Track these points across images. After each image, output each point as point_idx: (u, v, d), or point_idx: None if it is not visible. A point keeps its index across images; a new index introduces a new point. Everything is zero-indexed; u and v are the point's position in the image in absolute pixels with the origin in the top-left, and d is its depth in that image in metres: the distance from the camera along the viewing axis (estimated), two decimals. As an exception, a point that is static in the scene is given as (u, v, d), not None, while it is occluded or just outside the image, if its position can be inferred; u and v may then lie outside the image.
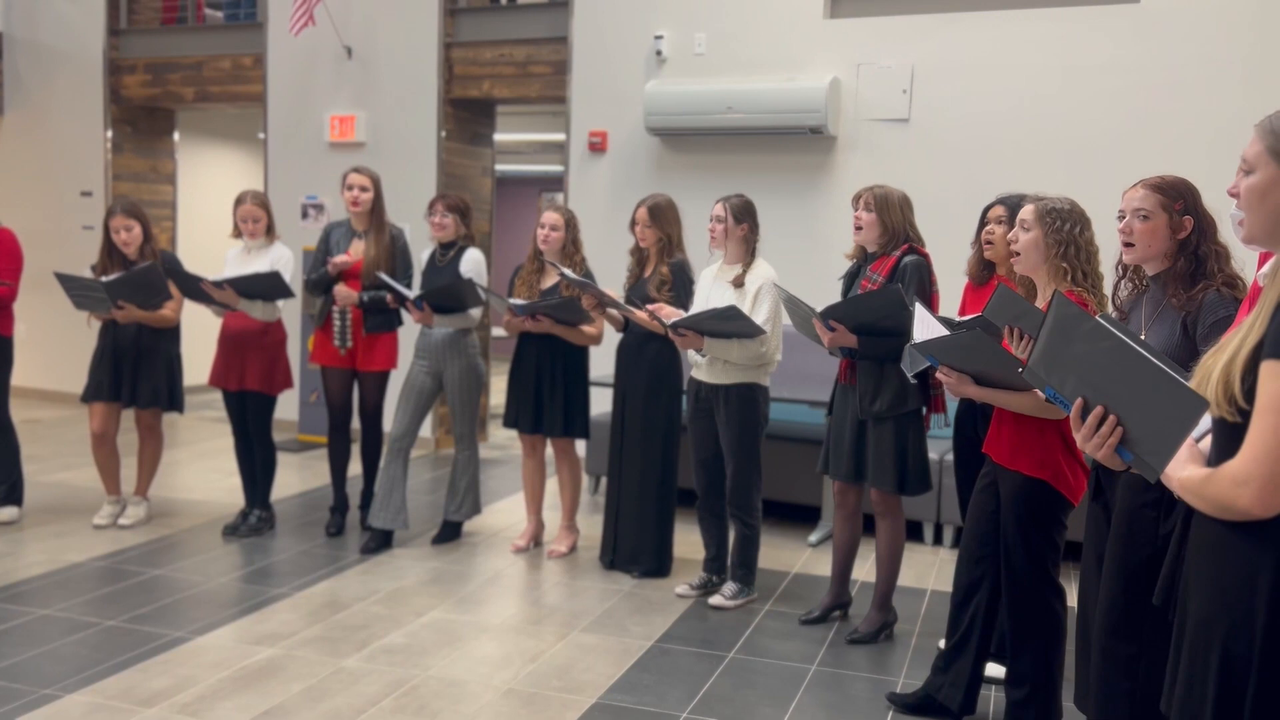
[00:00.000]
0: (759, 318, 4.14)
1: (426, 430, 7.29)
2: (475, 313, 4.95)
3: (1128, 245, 2.62)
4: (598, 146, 6.74)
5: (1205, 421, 1.75)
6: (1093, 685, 2.60)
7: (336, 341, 5.08)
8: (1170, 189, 2.57)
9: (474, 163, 7.66)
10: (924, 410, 3.94)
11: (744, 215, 4.28)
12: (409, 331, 5.28)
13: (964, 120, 5.92)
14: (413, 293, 4.87)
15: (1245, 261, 2.55)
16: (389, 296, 4.95)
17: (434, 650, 3.82)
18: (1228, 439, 1.69)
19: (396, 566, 4.77)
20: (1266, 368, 1.61)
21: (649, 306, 4.37)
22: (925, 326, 3.24)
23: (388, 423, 5.12)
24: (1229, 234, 2.48)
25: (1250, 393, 1.63)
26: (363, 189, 5.01)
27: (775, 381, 4.91)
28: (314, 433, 7.36)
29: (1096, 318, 1.83)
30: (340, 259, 4.95)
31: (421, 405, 5.04)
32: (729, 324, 4.07)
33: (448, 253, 5.03)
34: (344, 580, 4.56)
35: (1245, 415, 1.64)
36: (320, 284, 5.02)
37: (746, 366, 4.24)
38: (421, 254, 5.19)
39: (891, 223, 3.90)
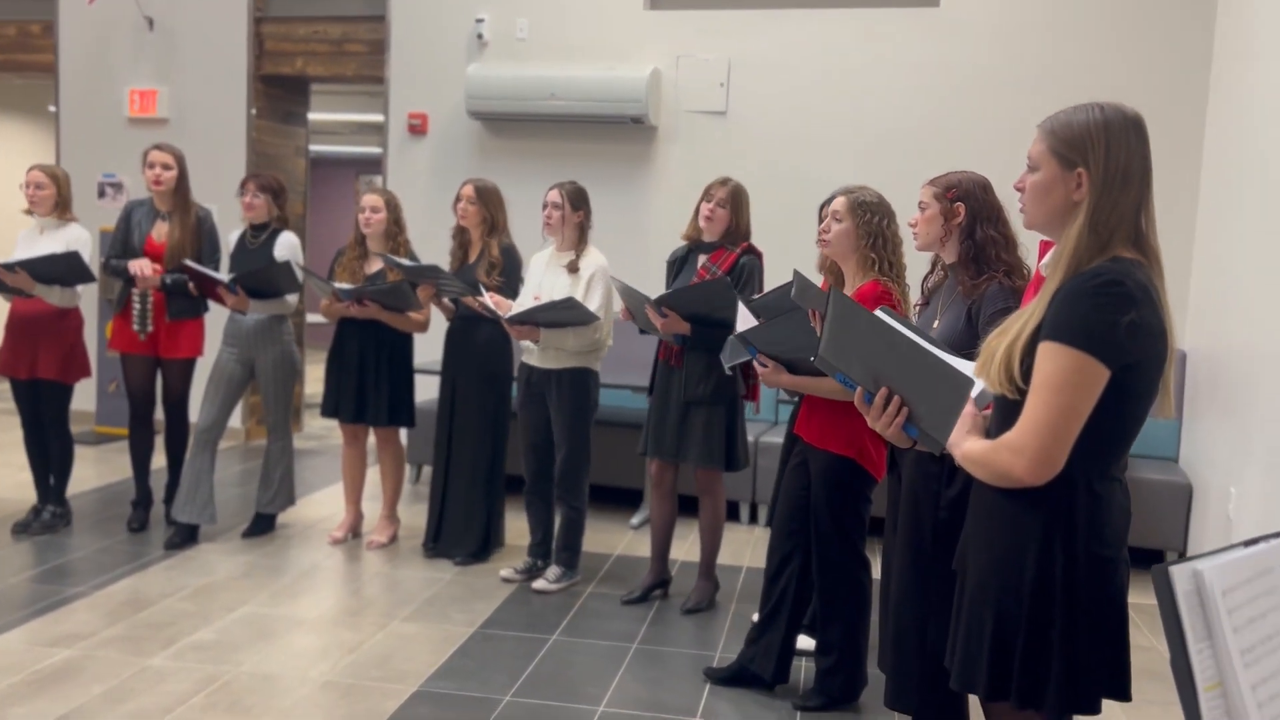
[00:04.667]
0: (592, 304, 4.18)
1: (236, 420, 7.00)
2: (292, 298, 4.80)
3: (915, 235, 2.80)
4: (418, 129, 6.63)
5: (979, 389, 1.90)
6: (889, 644, 2.78)
7: (136, 326, 4.82)
8: (943, 179, 2.76)
9: (286, 142, 7.39)
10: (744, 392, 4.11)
11: (580, 202, 4.32)
12: (216, 317, 5.06)
13: (777, 114, 6.12)
14: (226, 276, 4.68)
15: (1031, 250, 2.74)
16: (191, 284, 4.72)
17: (246, 645, 3.70)
18: (1007, 414, 1.83)
19: (204, 561, 4.58)
20: (1042, 349, 1.75)
21: (483, 297, 4.34)
22: (745, 320, 3.38)
23: (194, 413, 4.89)
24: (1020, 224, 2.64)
25: (1029, 373, 1.78)
26: (165, 167, 4.77)
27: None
28: (113, 424, 6.97)
29: (877, 312, 1.96)
30: (140, 266, 4.67)
31: (231, 395, 4.84)
32: (565, 313, 4.10)
33: (259, 235, 4.85)
34: (147, 577, 4.35)
35: (1024, 394, 1.79)
36: (120, 271, 4.75)
37: (579, 352, 4.27)
38: (230, 236, 4.98)
39: (741, 220, 4.04)
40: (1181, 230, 5.44)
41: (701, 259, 4.08)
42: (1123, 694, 1.87)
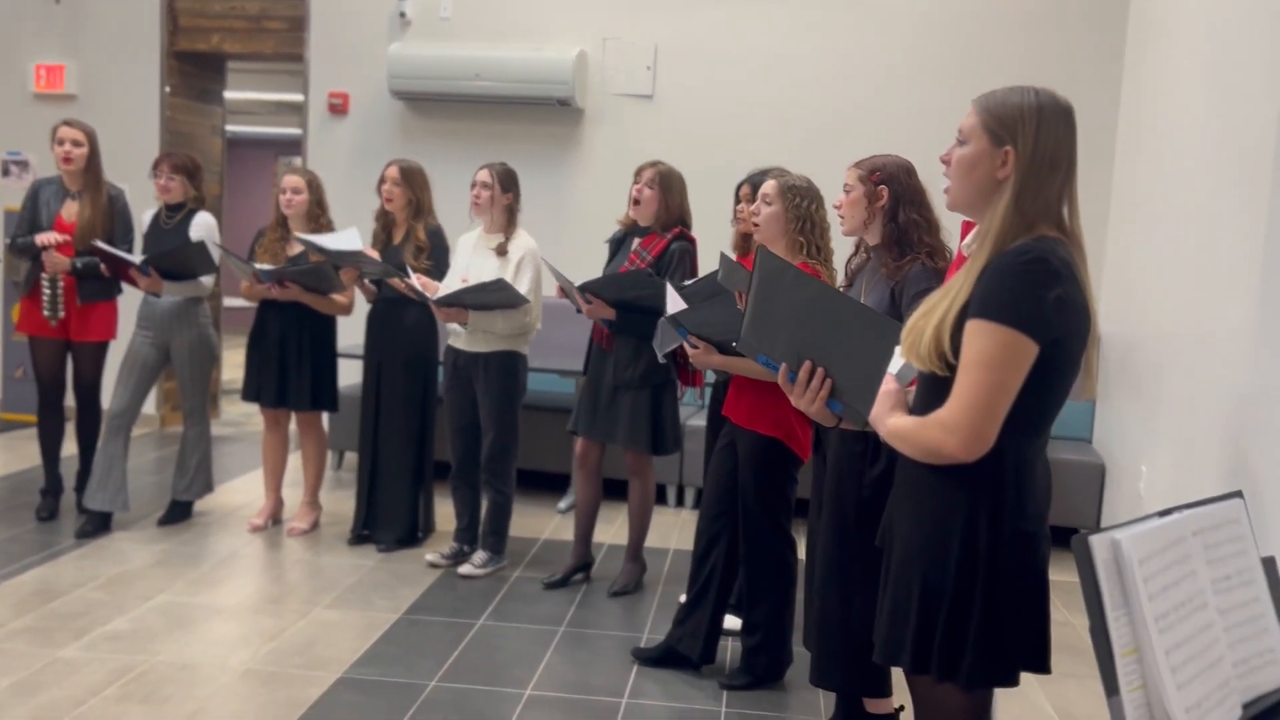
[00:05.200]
0: (521, 287, 4.15)
1: (150, 407, 6.82)
2: (207, 280, 4.67)
3: (841, 218, 2.82)
4: (338, 109, 6.50)
5: (900, 365, 1.91)
6: (814, 622, 2.81)
7: (47, 312, 4.65)
8: (868, 163, 2.78)
9: (202, 120, 7.19)
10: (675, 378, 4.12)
11: (510, 183, 4.28)
12: (130, 299, 4.90)
13: (705, 99, 6.12)
14: (138, 257, 4.54)
15: (954, 234, 2.78)
16: (103, 265, 4.57)
17: (163, 635, 3.60)
18: (933, 392, 1.85)
19: (118, 550, 4.45)
20: (971, 326, 1.77)
21: (410, 278, 4.27)
22: (675, 304, 3.39)
23: (106, 398, 4.74)
24: (943, 207, 2.67)
25: (959, 349, 1.79)
26: (75, 144, 4.60)
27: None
28: (20, 411, 6.73)
29: (796, 268, 1.96)
30: (46, 237, 4.51)
31: (145, 379, 4.71)
32: (494, 296, 4.06)
33: (174, 215, 4.72)
34: (58, 566, 4.21)
35: (953, 370, 1.80)
36: (26, 249, 4.58)
37: (507, 335, 4.24)
38: (143, 215, 4.83)
39: (671, 204, 4.01)
40: (1095, 216, 5.57)
41: (635, 243, 4.07)
42: (1042, 667, 1.91)
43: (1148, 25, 5.19)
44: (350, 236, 4.47)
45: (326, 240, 4.43)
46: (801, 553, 3.25)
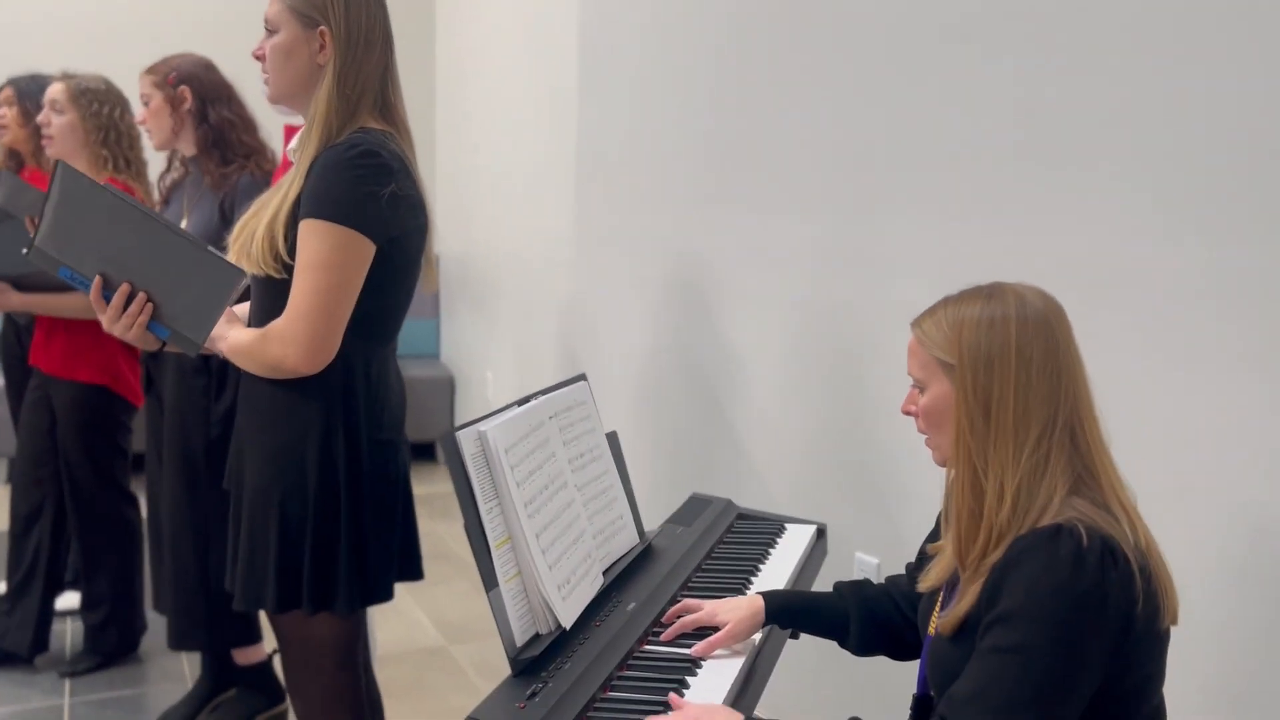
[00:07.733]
0: None
1: None
2: None
3: (149, 133, 2.50)
4: None
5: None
6: (167, 582, 2.52)
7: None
8: (161, 66, 2.49)
9: None
10: None
11: None
12: None
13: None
14: None
15: (273, 134, 2.58)
16: None
17: None
18: (272, 297, 1.69)
19: None
20: (305, 227, 1.63)
21: None
22: None
23: None
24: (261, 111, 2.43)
25: (294, 249, 1.64)
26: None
27: None
28: None
29: (113, 192, 1.67)
30: None
31: None
32: None
33: None
34: None
35: (290, 271, 1.65)
36: None
37: None
38: None
39: None
40: (422, 133, 5.64)
41: None
42: (415, 573, 1.87)
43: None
44: None
45: None
46: (143, 508, 2.89)
